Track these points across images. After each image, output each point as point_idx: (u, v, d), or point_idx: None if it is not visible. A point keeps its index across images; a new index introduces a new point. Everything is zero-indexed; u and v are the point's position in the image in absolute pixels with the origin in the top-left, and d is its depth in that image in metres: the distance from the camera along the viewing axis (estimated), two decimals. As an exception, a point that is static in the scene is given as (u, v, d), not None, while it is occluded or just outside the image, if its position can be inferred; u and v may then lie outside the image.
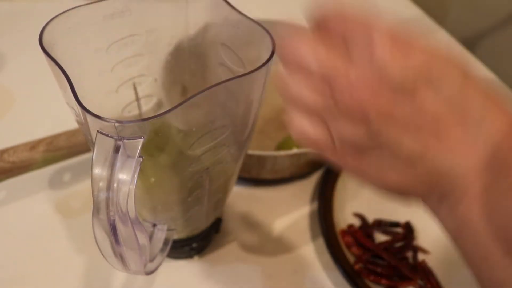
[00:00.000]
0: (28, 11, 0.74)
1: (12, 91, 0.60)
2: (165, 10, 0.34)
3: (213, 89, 0.24)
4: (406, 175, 0.21)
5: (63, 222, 0.46)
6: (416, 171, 0.21)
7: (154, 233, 0.37)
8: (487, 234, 0.20)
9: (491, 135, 0.20)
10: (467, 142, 0.20)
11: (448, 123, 0.20)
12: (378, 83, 0.20)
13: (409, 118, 0.20)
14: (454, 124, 0.20)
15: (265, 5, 0.82)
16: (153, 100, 0.40)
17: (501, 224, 0.20)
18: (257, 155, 0.45)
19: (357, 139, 0.21)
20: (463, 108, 0.20)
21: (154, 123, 0.24)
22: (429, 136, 0.20)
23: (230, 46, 0.33)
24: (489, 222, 0.20)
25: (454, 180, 0.21)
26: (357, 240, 0.45)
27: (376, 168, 0.22)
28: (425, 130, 0.20)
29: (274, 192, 0.51)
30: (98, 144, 0.24)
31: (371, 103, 0.20)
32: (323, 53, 0.21)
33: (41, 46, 0.25)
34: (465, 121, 0.20)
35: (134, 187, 0.24)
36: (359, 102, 0.20)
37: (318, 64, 0.21)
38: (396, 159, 0.21)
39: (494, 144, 0.20)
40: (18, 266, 0.43)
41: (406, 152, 0.21)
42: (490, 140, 0.20)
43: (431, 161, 0.21)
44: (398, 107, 0.20)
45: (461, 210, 0.21)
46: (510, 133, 0.20)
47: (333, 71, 0.21)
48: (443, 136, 0.20)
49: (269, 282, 0.43)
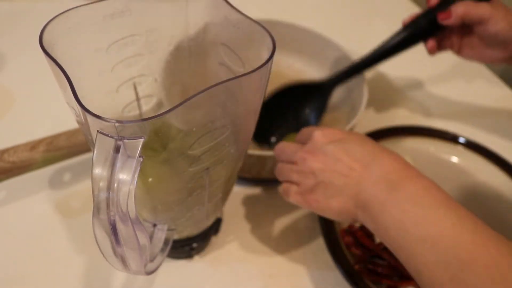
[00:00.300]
0: (28, 11, 0.74)
1: (12, 91, 0.60)
2: (165, 10, 0.35)
3: (213, 89, 0.24)
4: (340, 199, 0.35)
5: (63, 222, 0.46)
6: (344, 195, 0.35)
7: (154, 233, 0.37)
8: (388, 229, 0.32)
9: (381, 170, 0.34)
10: (367, 174, 0.34)
11: (355, 165, 0.35)
12: (316, 153, 0.37)
13: (334, 168, 0.36)
14: (359, 166, 0.35)
15: (265, 5, 0.82)
16: (153, 100, 0.40)
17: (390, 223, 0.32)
18: (257, 155, 0.45)
19: (311, 184, 0.37)
20: (363, 157, 0.35)
21: (154, 123, 0.24)
22: (346, 176, 0.35)
23: (230, 46, 0.33)
24: (387, 223, 0.32)
25: (366, 195, 0.34)
26: (357, 240, 0.45)
27: (323, 200, 0.36)
28: (343, 173, 0.35)
29: (274, 192, 0.51)
30: (98, 144, 0.24)
31: (315, 165, 0.36)
32: (291, 149, 0.39)
33: (41, 46, 0.25)
34: (365, 164, 0.35)
35: (134, 187, 0.24)
36: (309, 166, 0.37)
37: (292, 155, 0.39)
38: (332, 191, 0.36)
39: (384, 176, 0.34)
40: (18, 266, 0.43)
41: (335, 186, 0.35)
42: (381, 172, 0.34)
43: (350, 187, 0.35)
44: (326, 162, 0.36)
45: (374, 213, 0.33)
46: (394, 169, 0.34)
47: (296, 155, 0.38)
48: (353, 172, 0.35)
49: (269, 282, 0.43)
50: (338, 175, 0.35)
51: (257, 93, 0.30)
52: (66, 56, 0.27)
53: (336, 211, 0.36)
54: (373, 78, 0.68)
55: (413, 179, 0.33)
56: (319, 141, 0.37)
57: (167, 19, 0.35)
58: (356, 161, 0.35)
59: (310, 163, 0.37)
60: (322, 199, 0.36)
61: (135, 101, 0.38)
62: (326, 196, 0.36)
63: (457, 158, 0.53)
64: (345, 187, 0.35)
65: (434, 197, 0.32)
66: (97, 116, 0.23)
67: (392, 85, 0.68)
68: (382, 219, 0.33)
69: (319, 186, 0.36)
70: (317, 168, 0.36)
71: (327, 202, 0.36)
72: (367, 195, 0.34)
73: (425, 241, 0.30)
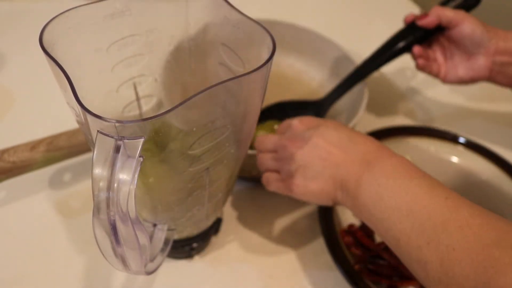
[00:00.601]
0: (28, 11, 0.74)
1: (12, 91, 0.60)
2: (165, 10, 0.35)
3: (213, 89, 0.24)
4: (319, 182, 0.37)
5: (63, 222, 0.46)
6: (323, 177, 0.37)
7: (155, 233, 0.37)
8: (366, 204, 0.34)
9: (357, 151, 0.37)
10: (344, 156, 0.37)
11: (332, 149, 0.37)
12: (295, 139, 0.39)
13: (313, 153, 0.37)
14: (336, 149, 0.37)
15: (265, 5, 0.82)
16: (153, 100, 0.40)
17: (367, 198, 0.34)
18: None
19: (291, 169, 0.38)
20: (339, 141, 0.37)
21: (154, 123, 0.24)
22: (324, 159, 0.37)
23: (230, 46, 0.33)
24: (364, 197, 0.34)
25: (344, 175, 0.36)
26: (357, 240, 0.45)
27: (303, 182, 0.38)
28: (322, 156, 0.37)
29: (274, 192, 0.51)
30: (98, 144, 0.24)
31: (294, 150, 0.38)
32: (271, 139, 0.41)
33: (41, 46, 0.25)
34: (342, 147, 0.37)
35: (134, 187, 0.24)
36: (289, 151, 0.38)
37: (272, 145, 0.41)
38: (311, 174, 0.37)
39: (360, 156, 0.36)
40: (18, 266, 0.43)
41: (314, 169, 0.37)
42: (357, 153, 0.36)
43: (328, 169, 0.37)
44: (305, 147, 0.38)
45: (351, 191, 0.35)
46: (368, 150, 0.36)
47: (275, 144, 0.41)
48: (331, 156, 0.37)
49: (269, 282, 0.43)
50: (317, 158, 0.37)
51: (257, 93, 0.30)
52: (66, 56, 0.27)
53: (316, 193, 0.38)
54: (373, 79, 0.68)
55: (387, 157, 0.36)
56: (298, 128, 0.40)
57: (167, 19, 0.35)
58: (334, 145, 0.37)
59: (289, 149, 0.38)
60: (301, 183, 0.38)
61: (135, 101, 0.38)
62: (306, 179, 0.37)
63: (457, 158, 0.53)
64: (324, 169, 0.37)
65: (407, 171, 0.34)
66: (97, 116, 0.23)
67: (392, 85, 0.68)
68: (360, 195, 0.35)
69: (299, 170, 0.38)
70: (296, 153, 0.38)
71: (307, 185, 0.38)
72: (345, 175, 0.36)
73: (400, 209, 0.32)
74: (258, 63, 0.26)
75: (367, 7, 0.86)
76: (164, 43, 0.36)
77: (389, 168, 0.34)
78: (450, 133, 0.54)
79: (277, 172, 0.41)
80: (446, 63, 0.53)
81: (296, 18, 0.63)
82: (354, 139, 0.38)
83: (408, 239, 0.31)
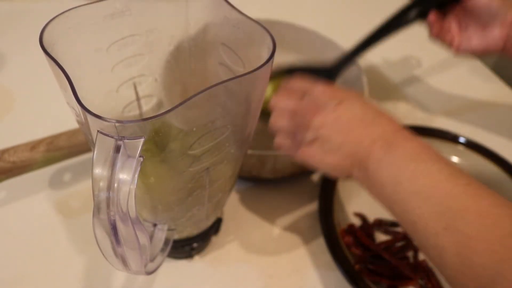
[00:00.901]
0: (28, 11, 0.74)
1: (12, 91, 0.60)
2: (165, 10, 0.34)
3: (213, 89, 0.24)
4: (336, 156, 0.36)
5: (63, 222, 0.46)
6: (341, 152, 0.36)
7: (155, 233, 0.37)
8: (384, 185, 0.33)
9: (380, 130, 0.35)
10: (366, 134, 0.35)
11: (355, 125, 0.36)
12: (317, 109, 0.37)
13: (334, 126, 0.36)
14: (358, 125, 0.36)
15: (265, 5, 0.82)
16: (153, 100, 0.40)
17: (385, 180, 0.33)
18: (257, 155, 0.45)
19: (309, 138, 0.37)
20: (363, 117, 0.36)
21: (154, 123, 0.24)
22: (345, 135, 0.36)
23: (230, 46, 0.33)
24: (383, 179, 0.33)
25: (363, 154, 0.35)
26: (357, 240, 0.45)
27: (319, 154, 0.37)
28: (343, 131, 0.36)
29: (275, 192, 0.51)
30: (98, 144, 0.24)
31: (315, 119, 0.36)
32: (290, 101, 0.39)
33: (41, 46, 0.25)
34: (364, 124, 0.36)
35: (134, 187, 0.24)
36: (308, 118, 0.37)
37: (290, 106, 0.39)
38: (329, 147, 0.36)
39: (382, 136, 0.35)
40: (18, 266, 0.43)
41: (333, 143, 0.36)
42: (379, 133, 0.35)
43: (348, 145, 0.35)
44: (327, 118, 0.36)
45: (370, 170, 0.34)
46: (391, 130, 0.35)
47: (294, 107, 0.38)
48: (352, 132, 0.35)
49: (269, 282, 0.43)
50: (338, 133, 0.36)
51: (257, 93, 0.30)
52: (66, 56, 0.27)
53: (331, 166, 0.37)
54: (372, 77, 0.68)
55: (409, 140, 0.34)
56: (321, 96, 0.37)
57: (167, 19, 0.35)
58: (357, 122, 0.36)
59: (310, 117, 0.36)
60: (318, 154, 0.37)
61: (135, 101, 0.38)
62: (323, 151, 0.36)
63: (457, 158, 0.53)
64: (343, 145, 0.35)
65: (428, 155, 0.33)
66: (97, 116, 0.23)
67: (391, 83, 0.68)
68: (378, 176, 0.34)
69: (317, 141, 0.36)
70: (316, 123, 0.36)
71: (323, 157, 0.36)
72: (365, 154, 0.35)
73: (419, 194, 0.31)
74: (258, 63, 0.26)
75: (367, 7, 0.86)
76: (164, 43, 0.36)
77: (410, 151, 0.33)
78: (450, 133, 0.54)
79: (292, 134, 0.39)
80: (460, 34, 0.52)
81: (296, 18, 0.63)
82: (378, 118, 0.36)
83: (425, 224, 0.31)
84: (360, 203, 0.50)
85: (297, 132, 0.38)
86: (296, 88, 0.40)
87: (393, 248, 0.45)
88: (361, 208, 0.49)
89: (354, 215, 0.49)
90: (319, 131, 0.36)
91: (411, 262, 0.45)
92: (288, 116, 0.38)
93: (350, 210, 0.49)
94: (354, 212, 0.49)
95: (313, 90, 0.38)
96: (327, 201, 0.47)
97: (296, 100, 0.39)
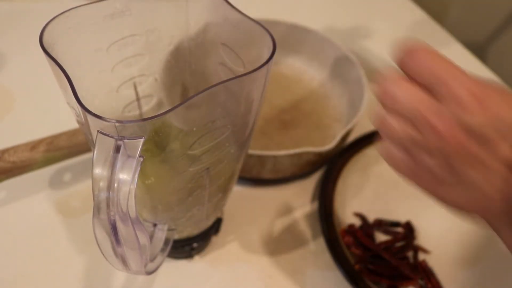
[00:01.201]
0: (28, 11, 0.74)
1: (12, 91, 0.60)
2: (165, 10, 0.34)
3: (213, 89, 0.24)
4: (472, 196, 0.25)
5: (63, 222, 0.46)
6: (481, 193, 0.24)
7: (155, 233, 0.37)
8: None
9: None
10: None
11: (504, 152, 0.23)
12: (458, 129, 0.23)
13: (483, 161, 0.23)
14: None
15: (265, 5, 0.82)
16: (154, 100, 0.40)
17: None
18: (257, 155, 0.45)
19: (435, 169, 0.25)
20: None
21: (154, 123, 0.24)
22: (486, 166, 0.23)
23: (230, 46, 0.33)
24: None
25: None
26: (357, 240, 0.45)
27: (451, 194, 0.25)
28: (495, 172, 0.23)
29: (275, 192, 0.51)
30: (98, 144, 0.24)
31: (452, 146, 0.23)
32: (414, 98, 0.25)
33: (41, 46, 0.25)
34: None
35: (134, 187, 0.24)
36: (442, 144, 0.24)
37: (411, 106, 0.25)
38: (466, 190, 0.24)
39: None
40: (18, 266, 0.43)
41: (469, 178, 0.24)
42: None
43: (493, 184, 0.24)
44: (473, 150, 0.23)
45: None
46: None
47: (422, 114, 0.24)
48: (498, 167, 0.23)
49: (269, 282, 0.43)
50: (477, 163, 0.24)
51: (257, 93, 0.30)
52: (66, 56, 0.27)
53: (458, 207, 0.26)
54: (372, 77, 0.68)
55: None
56: (468, 114, 0.23)
57: (167, 19, 0.35)
58: None
59: (440, 137, 0.24)
60: (448, 196, 0.26)
61: (135, 101, 0.38)
62: (455, 194, 0.25)
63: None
64: (485, 181, 0.24)
65: None
66: (97, 116, 0.23)
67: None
68: None
69: (447, 178, 0.25)
70: (457, 154, 0.24)
71: (449, 192, 0.25)
72: None
73: None
74: (258, 63, 0.26)
75: (367, 7, 0.86)
76: (164, 43, 0.36)
77: None
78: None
79: (405, 145, 0.26)
80: None
81: (296, 18, 0.63)
82: None
83: None
84: (360, 203, 0.50)
85: (415, 150, 0.25)
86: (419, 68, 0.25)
87: (393, 248, 0.45)
88: (361, 208, 0.49)
89: (354, 215, 0.49)
90: (459, 169, 0.24)
91: (411, 262, 0.45)
92: (404, 120, 0.25)
93: (350, 210, 0.49)
94: (354, 212, 0.49)
95: (455, 95, 0.23)
96: (327, 201, 0.47)
97: (420, 100, 0.24)
